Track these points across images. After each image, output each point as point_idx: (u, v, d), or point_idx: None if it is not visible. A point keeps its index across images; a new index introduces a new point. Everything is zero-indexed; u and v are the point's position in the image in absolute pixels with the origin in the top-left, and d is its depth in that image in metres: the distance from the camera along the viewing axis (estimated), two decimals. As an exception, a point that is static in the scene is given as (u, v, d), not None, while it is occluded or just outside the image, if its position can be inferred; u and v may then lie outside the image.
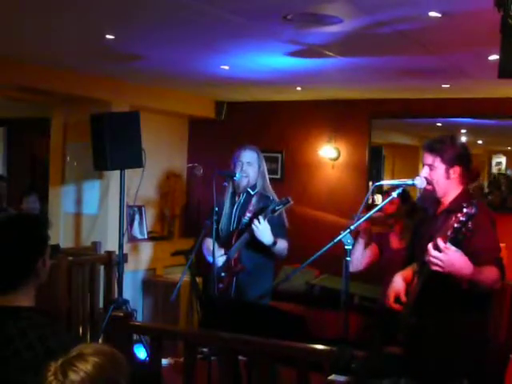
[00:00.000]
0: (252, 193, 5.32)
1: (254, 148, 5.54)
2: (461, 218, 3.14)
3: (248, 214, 5.18)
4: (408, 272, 3.76)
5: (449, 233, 3.18)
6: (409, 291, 3.67)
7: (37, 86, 6.46)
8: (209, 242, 5.44)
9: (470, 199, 3.54)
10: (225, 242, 5.30)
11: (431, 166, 3.68)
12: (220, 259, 5.22)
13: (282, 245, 5.09)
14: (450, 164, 3.66)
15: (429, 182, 3.70)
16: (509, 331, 5.38)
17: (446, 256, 3.19)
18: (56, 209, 7.59)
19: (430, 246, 3.25)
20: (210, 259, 5.26)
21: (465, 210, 3.14)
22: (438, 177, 3.67)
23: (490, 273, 3.39)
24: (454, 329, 3.55)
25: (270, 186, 5.43)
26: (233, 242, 5.21)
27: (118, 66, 6.19)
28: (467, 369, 3.47)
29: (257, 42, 5.10)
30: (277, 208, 4.97)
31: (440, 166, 3.66)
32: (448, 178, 3.67)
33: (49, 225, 2.80)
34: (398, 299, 3.68)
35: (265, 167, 5.47)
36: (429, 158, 3.70)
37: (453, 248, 3.18)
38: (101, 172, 7.05)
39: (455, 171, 3.67)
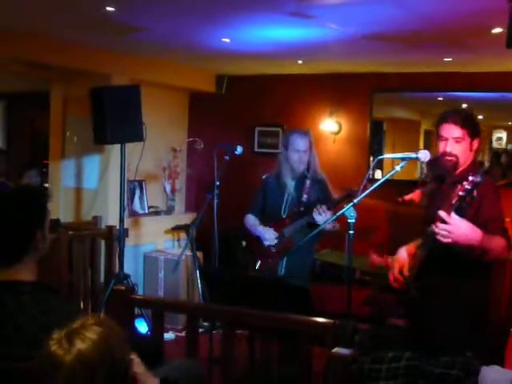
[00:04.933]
0: (306, 175, 5.45)
1: (307, 132, 5.63)
2: (466, 186, 3.15)
3: (305, 196, 5.35)
4: (411, 246, 3.77)
5: (454, 201, 3.19)
6: (411, 264, 3.67)
7: (36, 60, 6.40)
8: (251, 218, 5.69)
9: (478, 169, 3.63)
10: (276, 220, 5.47)
11: (458, 139, 3.66)
12: (272, 236, 5.41)
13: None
14: (473, 137, 3.69)
15: (451, 155, 3.68)
16: (509, 305, 5.39)
17: (452, 226, 3.20)
18: (56, 183, 7.57)
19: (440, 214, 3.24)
20: (259, 233, 5.51)
21: (470, 178, 3.15)
22: (464, 149, 3.68)
23: (498, 241, 3.41)
24: (455, 299, 3.57)
25: (319, 166, 5.57)
26: (287, 221, 5.40)
27: (118, 38, 6.14)
28: (468, 340, 3.48)
29: (258, 15, 5.06)
30: (340, 201, 5.04)
31: (467, 139, 3.67)
32: (471, 150, 3.71)
33: (48, 197, 2.77)
34: (401, 272, 3.69)
35: (315, 149, 5.59)
36: (456, 131, 3.67)
37: (457, 217, 3.18)
38: (101, 146, 7.02)
39: (475, 143, 3.71)
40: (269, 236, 5.43)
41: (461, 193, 3.17)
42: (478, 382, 2.49)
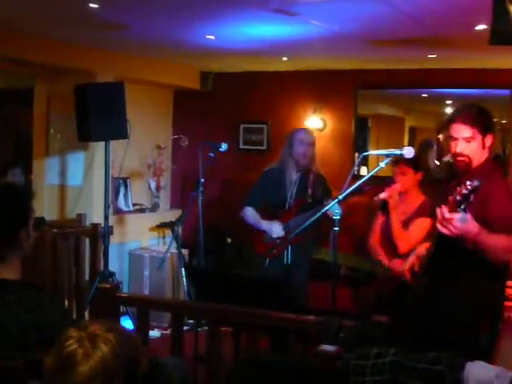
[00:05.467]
0: (310, 169, 5.58)
1: (310, 130, 6.00)
2: (463, 191, 3.13)
3: (309, 189, 5.48)
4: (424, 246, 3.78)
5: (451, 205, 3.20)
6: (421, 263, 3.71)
7: (20, 57, 6.36)
8: (251, 212, 5.70)
9: (493, 166, 3.62)
10: (280, 212, 5.56)
11: (469, 139, 3.57)
12: (279, 228, 5.47)
13: None
14: (484, 134, 3.59)
15: (462, 155, 3.60)
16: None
17: (452, 221, 3.18)
18: (40, 181, 7.53)
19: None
20: (265, 227, 5.55)
21: (468, 183, 3.11)
22: (476, 148, 3.59)
23: (501, 240, 3.34)
24: (459, 300, 3.55)
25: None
26: (294, 213, 5.51)
27: (102, 36, 6.12)
28: (464, 339, 3.49)
29: (243, 12, 5.05)
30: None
31: (478, 137, 3.57)
32: (484, 147, 3.61)
33: (32, 195, 2.75)
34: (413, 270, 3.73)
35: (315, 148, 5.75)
36: (465, 131, 3.57)
37: (457, 215, 3.17)
38: (85, 143, 6.99)
39: (488, 140, 3.61)
40: (276, 229, 5.49)
41: (458, 197, 3.15)
42: (462, 378, 2.50)
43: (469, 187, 3.12)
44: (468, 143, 3.57)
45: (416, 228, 4.70)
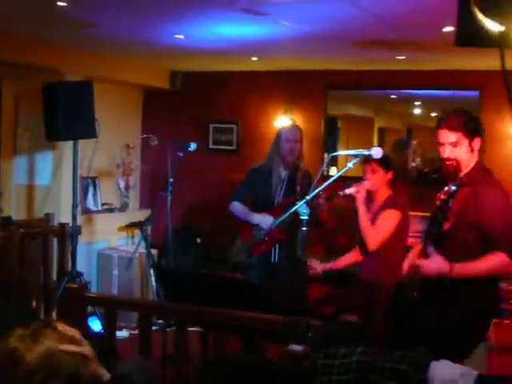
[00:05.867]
0: (298, 166, 5.53)
1: (298, 126, 5.89)
2: (442, 197, 3.25)
3: (298, 187, 5.37)
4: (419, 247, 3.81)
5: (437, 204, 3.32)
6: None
7: (-14, 55, 6.31)
8: (239, 206, 5.65)
9: (485, 171, 3.65)
10: (269, 209, 5.48)
11: (454, 143, 3.63)
12: (270, 221, 5.31)
13: None
14: (471, 137, 3.63)
15: (449, 159, 3.66)
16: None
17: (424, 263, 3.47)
18: (8, 180, 7.46)
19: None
20: (256, 220, 5.45)
21: (445, 188, 3.24)
22: (462, 153, 3.64)
23: (477, 266, 3.47)
24: (455, 306, 3.59)
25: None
26: (281, 210, 5.30)
27: (71, 34, 6.07)
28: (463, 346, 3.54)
29: (212, 12, 5.04)
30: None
31: (464, 142, 3.62)
32: (472, 151, 3.65)
33: (-2, 196, 2.72)
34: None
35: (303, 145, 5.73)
36: (450, 136, 3.64)
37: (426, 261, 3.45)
38: (54, 143, 6.94)
39: (476, 143, 3.65)
40: (267, 220, 5.37)
41: (437, 203, 3.25)
42: (427, 377, 2.51)
43: (446, 193, 3.23)
44: (455, 147, 3.63)
45: (382, 221, 4.74)
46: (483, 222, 3.48)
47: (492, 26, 2.03)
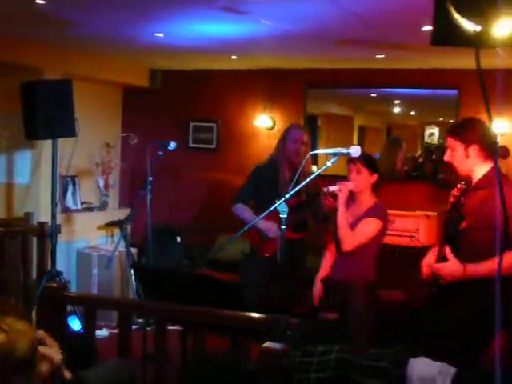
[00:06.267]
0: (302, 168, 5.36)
1: (304, 127, 6.08)
2: (455, 193, 3.57)
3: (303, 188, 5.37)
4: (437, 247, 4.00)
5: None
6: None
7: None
8: (245, 209, 5.60)
9: (497, 175, 3.69)
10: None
11: (452, 148, 3.90)
12: (275, 228, 5.28)
13: None
14: (467, 144, 3.84)
15: (447, 162, 3.95)
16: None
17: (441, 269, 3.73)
18: (-14, 179, 7.43)
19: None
20: (259, 225, 5.34)
21: (458, 186, 3.59)
22: (457, 157, 3.88)
23: (488, 265, 3.55)
24: (472, 300, 3.68)
25: None
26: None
27: (50, 32, 6.04)
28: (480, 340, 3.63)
29: (191, 10, 5.04)
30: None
31: (459, 147, 3.86)
32: (468, 156, 3.85)
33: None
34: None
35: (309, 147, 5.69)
36: (449, 141, 3.92)
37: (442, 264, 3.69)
38: (33, 141, 6.91)
39: (474, 150, 3.83)
40: (271, 229, 5.37)
41: (451, 199, 3.60)
42: (405, 374, 2.53)
43: (459, 190, 3.61)
44: (452, 152, 3.91)
45: (362, 227, 4.69)
46: (497, 221, 3.55)
47: (468, 25, 2.04)
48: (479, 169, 3.85)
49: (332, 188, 4.73)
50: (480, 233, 3.68)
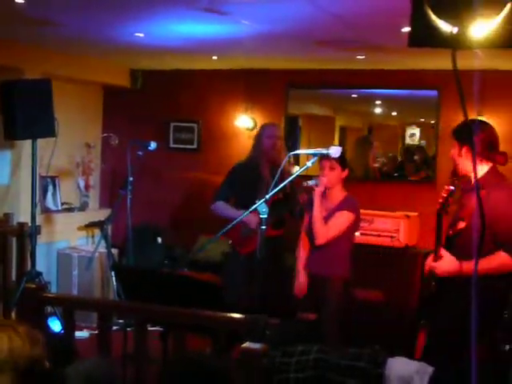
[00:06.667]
0: (279, 165, 5.42)
1: (278, 124, 6.18)
2: (443, 195, 3.70)
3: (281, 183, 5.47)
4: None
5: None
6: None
7: None
8: (224, 206, 5.71)
9: (496, 177, 3.90)
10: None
11: (451, 146, 4.07)
12: (256, 220, 5.27)
13: None
14: (461, 144, 3.96)
15: (452, 160, 4.08)
16: (420, 297, 5.55)
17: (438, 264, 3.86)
18: (-35, 180, 7.37)
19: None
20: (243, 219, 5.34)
21: (446, 187, 3.70)
22: (454, 155, 4.02)
23: (491, 262, 3.66)
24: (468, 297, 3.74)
25: None
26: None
27: (29, 32, 6.01)
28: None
29: (172, 10, 5.03)
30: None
31: (456, 147, 4.00)
32: (460, 155, 3.97)
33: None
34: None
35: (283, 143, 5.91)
36: (452, 140, 4.08)
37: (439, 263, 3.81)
38: (12, 142, 6.86)
39: (467, 150, 3.92)
40: (254, 219, 5.36)
41: (440, 200, 3.70)
42: (384, 374, 2.54)
43: (446, 191, 3.71)
44: (451, 150, 4.06)
45: (335, 220, 4.84)
46: (492, 221, 3.62)
47: (445, 27, 2.05)
48: (478, 169, 3.89)
49: (311, 183, 4.81)
50: (476, 234, 3.71)
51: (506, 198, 3.82)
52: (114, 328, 6.12)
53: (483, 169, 3.90)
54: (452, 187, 3.77)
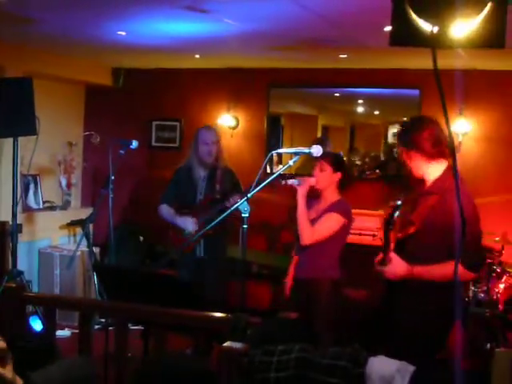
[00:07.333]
0: (217, 166, 5.84)
1: (214, 127, 6.25)
2: (389, 212, 3.46)
3: (217, 185, 5.76)
4: None
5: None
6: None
7: None
8: (166, 209, 5.95)
9: (450, 179, 3.67)
10: (191, 208, 5.82)
11: (399, 152, 3.95)
12: (192, 223, 5.75)
13: None
14: (407, 148, 3.83)
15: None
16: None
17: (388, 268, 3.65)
18: None
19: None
20: (179, 222, 5.82)
21: (391, 203, 3.46)
22: (405, 160, 3.87)
23: (442, 269, 3.53)
24: (421, 297, 3.69)
25: (226, 159, 6.04)
26: (203, 208, 5.77)
27: (10, 29, 5.97)
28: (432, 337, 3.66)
29: (154, 8, 5.01)
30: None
31: (403, 151, 3.86)
32: (410, 159, 3.83)
33: None
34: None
35: (221, 143, 6.05)
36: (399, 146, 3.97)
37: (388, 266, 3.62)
38: (-7, 140, 6.83)
39: (415, 152, 3.79)
40: (189, 224, 5.74)
41: (385, 217, 3.49)
42: (365, 373, 2.54)
43: (391, 207, 3.47)
44: (403, 155, 3.89)
45: (324, 222, 4.71)
46: (446, 228, 3.54)
47: (425, 26, 2.06)
48: (432, 171, 3.80)
49: (290, 181, 4.72)
50: (427, 239, 3.67)
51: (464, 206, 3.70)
52: (96, 327, 6.11)
53: (439, 168, 3.79)
54: (398, 201, 3.52)
